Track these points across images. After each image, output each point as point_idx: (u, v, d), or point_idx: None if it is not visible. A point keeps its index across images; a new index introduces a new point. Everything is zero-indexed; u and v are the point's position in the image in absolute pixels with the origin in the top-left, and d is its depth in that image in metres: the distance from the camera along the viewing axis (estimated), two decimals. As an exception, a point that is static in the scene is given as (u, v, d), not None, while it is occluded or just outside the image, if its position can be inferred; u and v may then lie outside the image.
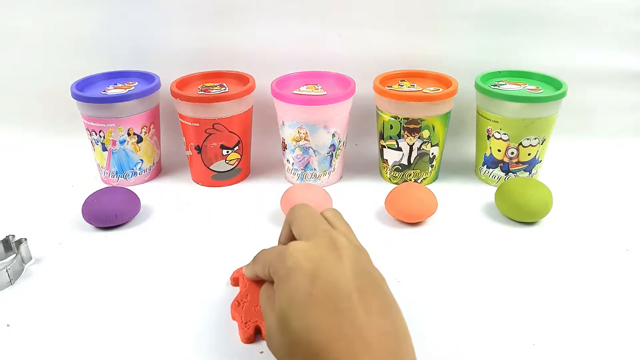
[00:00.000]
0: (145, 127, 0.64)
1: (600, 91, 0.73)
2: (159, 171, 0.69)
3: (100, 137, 0.62)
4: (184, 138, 0.64)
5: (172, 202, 0.61)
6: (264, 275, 0.36)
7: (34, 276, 0.48)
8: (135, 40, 0.71)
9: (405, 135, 0.61)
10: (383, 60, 0.69)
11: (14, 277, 0.47)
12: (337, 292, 0.30)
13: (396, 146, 0.62)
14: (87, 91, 0.63)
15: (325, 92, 0.61)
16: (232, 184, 0.66)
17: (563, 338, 0.40)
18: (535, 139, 0.60)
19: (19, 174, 0.68)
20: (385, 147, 0.64)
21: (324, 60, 0.69)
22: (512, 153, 0.61)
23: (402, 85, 0.63)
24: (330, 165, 0.64)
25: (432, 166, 0.64)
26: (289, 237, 0.38)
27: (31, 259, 0.50)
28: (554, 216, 0.56)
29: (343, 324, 0.29)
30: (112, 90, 0.63)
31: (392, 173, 0.65)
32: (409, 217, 0.55)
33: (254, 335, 0.39)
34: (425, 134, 0.61)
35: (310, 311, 0.30)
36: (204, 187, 0.65)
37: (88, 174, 0.68)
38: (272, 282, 0.35)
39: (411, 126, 0.60)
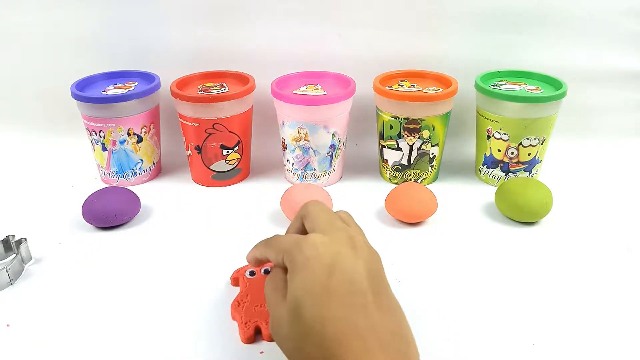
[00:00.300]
0: (145, 127, 0.64)
1: (600, 91, 0.73)
2: (159, 171, 0.69)
3: (100, 137, 0.62)
4: (184, 138, 0.64)
5: (172, 202, 0.61)
6: (275, 262, 0.35)
7: (34, 276, 0.48)
8: (135, 40, 0.71)
9: (405, 135, 0.61)
10: (383, 60, 0.69)
11: (14, 277, 0.47)
12: (353, 288, 0.30)
13: (396, 146, 0.62)
14: (87, 91, 0.63)
15: (325, 92, 0.61)
16: (232, 184, 0.66)
17: (563, 338, 0.40)
18: (535, 139, 0.60)
19: (19, 174, 0.68)
20: (385, 147, 0.64)
21: (324, 60, 0.69)
22: (512, 153, 0.61)
23: (402, 85, 0.63)
24: (330, 165, 0.64)
25: (432, 166, 0.64)
26: (299, 231, 0.38)
27: (31, 259, 0.50)
28: (554, 216, 0.56)
29: (358, 319, 0.29)
30: (112, 90, 0.63)
31: (392, 173, 0.65)
32: (409, 217, 0.55)
33: (254, 335, 0.39)
34: (425, 134, 0.61)
35: (325, 302, 0.30)
36: (204, 187, 0.65)
37: (88, 174, 0.68)
38: (281, 271, 0.34)
39: (411, 126, 0.60)
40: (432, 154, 0.63)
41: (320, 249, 0.32)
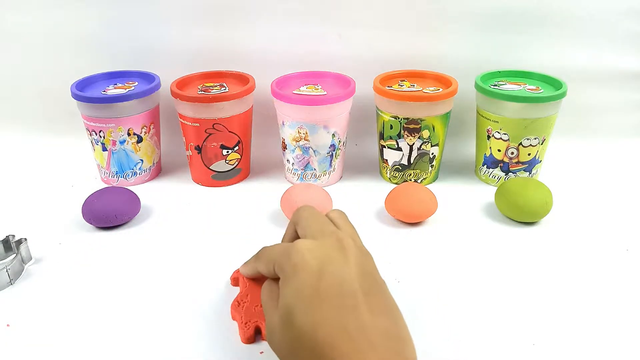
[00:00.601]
0: (145, 127, 0.64)
1: (600, 91, 0.73)
2: (159, 171, 0.69)
3: (100, 137, 0.62)
4: (184, 138, 0.64)
5: (172, 202, 0.61)
6: (267, 273, 0.36)
7: (34, 276, 0.48)
8: (135, 40, 0.71)
9: (405, 135, 0.61)
10: (383, 60, 0.69)
11: (14, 277, 0.47)
12: (342, 290, 0.30)
13: (396, 146, 0.62)
14: (87, 91, 0.63)
15: (325, 92, 0.61)
16: (232, 184, 0.66)
17: (563, 338, 0.40)
18: (535, 139, 0.60)
19: (19, 174, 0.68)
20: (385, 147, 0.64)
21: (324, 60, 0.69)
22: (512, 153, 0.61)
23: (402, 85, 0.63)
24: (330, 165, 0.64)
25: (432, 166, 0.64)
26: (293, 237, 0.38)
27: (31, 259, 0.50)
28: (554, 216, 0.56)
29: (348, 321, 0.29)
30: (112, 90, 0.63)
31: (392, 173, 0.65)
32: (409, 217, 0.55)
33: (254, 335, 0.39)
34: (425, 134, 0.61)
35: (316, 306, 0.30)
36: (204, 187, 0.65)
37: (88, 174, 0.68)
38: (275, 280, 0.35)
39: (411, 126, 0.60)
40: (432, 154, 0.63)
41: (307, 254, 0.32)
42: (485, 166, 0.65)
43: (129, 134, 0.62)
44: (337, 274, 0.31)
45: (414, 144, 0.62)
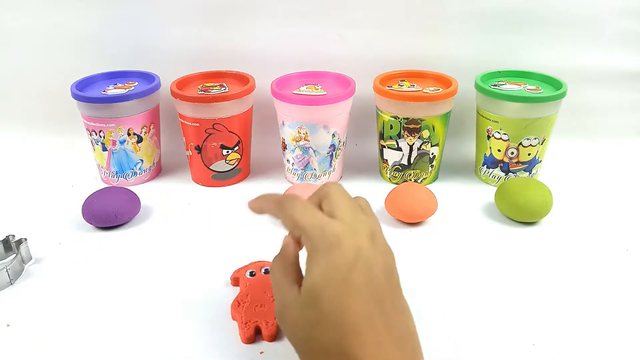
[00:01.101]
0: (145, 127, 0.64)
1: (600, 91, 0.73)
2: (159, 171, 0.69)
3: (100, 137, 0.62)
4: (184, 138, 0.64)
5: (172, 202, 0.61)
6: (286, 229, 0.34)
7: (34, 276, 0.48)
8: (135, 40, 0.71)
9: (405, 135, 0.61)
10: (383, 60, 0.69)
11: (14, 277, 0.47)
12: (372, 282, 0.31)
13: (396, 146, 0.62)
14: (87, 91, 0.63)
15: (325, 92, 0.61)
16: (232, 184, 0.66)
17: (563, 338, 0.40)
18: (535, 139, 0.60)
19: (19, 174, 0.68)
20: (385, 147, 0.64)
21: (324, 60, 0.69)
22: (512, 153, 0.61)
23: (402, 85, 0.63)
24: (330, 165, 0.64)
25: (432, 166, 0.64)
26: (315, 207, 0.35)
27: (31, 259, 0.50)
28: (554, 216, 0.56)
29: (374, 313, 0.30)
30: (112, 90, 0.63)
31: (392, 173, 0.65)
32: (409, 217, 0.55)
33: (254, 335, 0.39)
34: (425, 134, 0.61)
35: (345, 292, 0.30)
36: (204, 187, 0.65)
37: (88, 174, 0.68)
38: (286, 257, 0.34)
39: (411, 126, 0.60)
40: (432, 154, 0.63)
41: (344, 239, 0.31)
42: (485, 166, 0.65)
43: (129, 134, 0.62)
44: (369, 265, 0.31)
45: (414, 144, 0.62)
